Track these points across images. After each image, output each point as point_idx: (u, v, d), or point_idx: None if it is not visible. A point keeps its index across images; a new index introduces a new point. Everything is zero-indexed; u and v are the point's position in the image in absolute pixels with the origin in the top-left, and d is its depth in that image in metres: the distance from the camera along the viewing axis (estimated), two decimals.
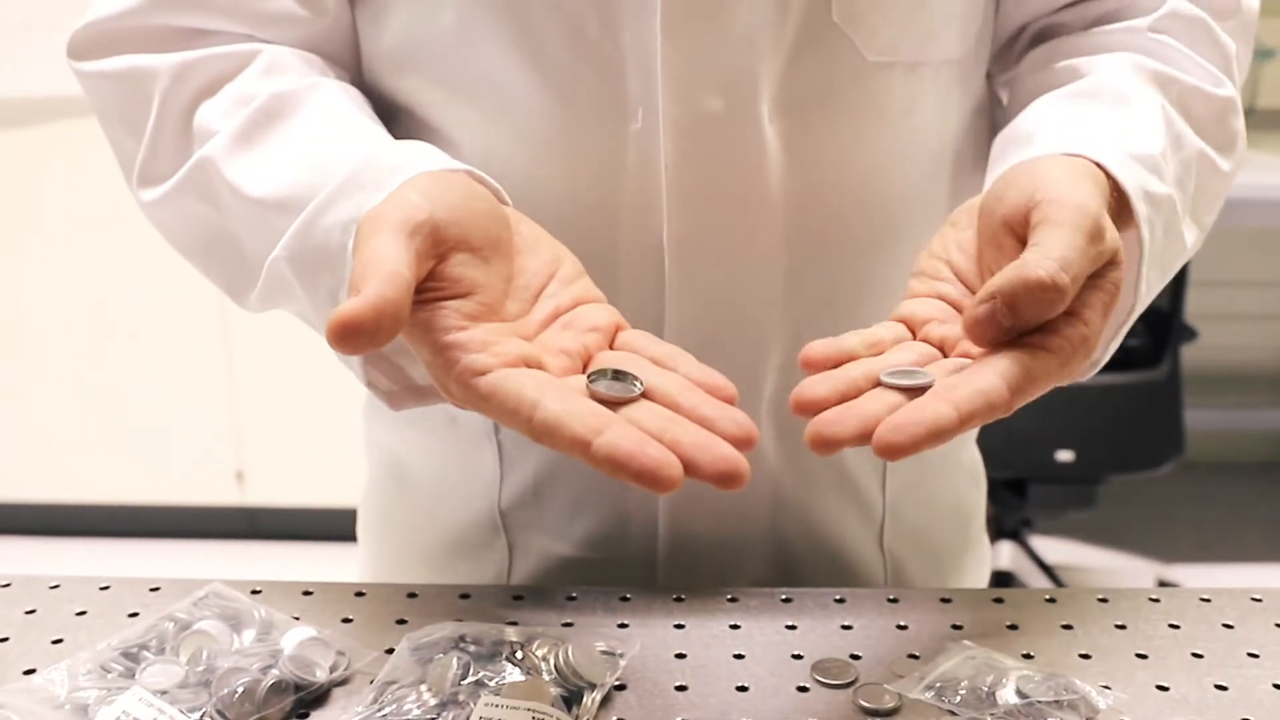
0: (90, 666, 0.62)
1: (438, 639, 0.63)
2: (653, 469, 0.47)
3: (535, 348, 0.56)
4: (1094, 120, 0.68)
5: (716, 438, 0.50)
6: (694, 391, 0.53)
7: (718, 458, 0.48)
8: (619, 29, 0.68)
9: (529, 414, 0.50)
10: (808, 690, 0.64)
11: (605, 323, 0.59)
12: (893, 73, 0.71)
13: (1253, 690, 0.64)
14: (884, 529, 0.83)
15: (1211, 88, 0.72)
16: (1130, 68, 0.71)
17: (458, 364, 0.53)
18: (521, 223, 0.62)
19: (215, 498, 2.85)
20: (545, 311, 0.59)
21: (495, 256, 0.58)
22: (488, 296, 0.56)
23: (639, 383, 0.53)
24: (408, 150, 0.63)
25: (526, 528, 0.80)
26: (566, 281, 0.60)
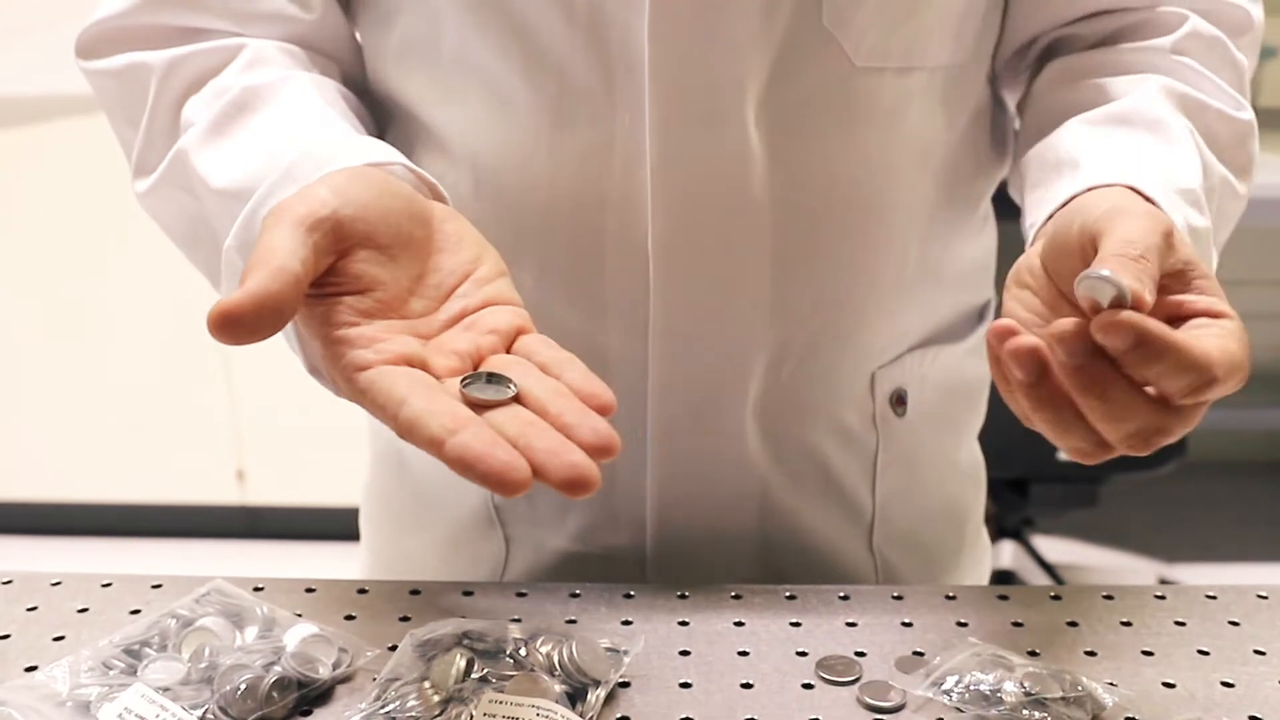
0: (92, 663, 0.62)
1: (441, 636, 0.63)
2: (499, 471, 0.48)
3: (423, 347, 0.56)
4: (1137, 151, 0.67)
5: (570, 445, 0.49)
6: (565, 399, 0.53)
7: (565, 464, 0.48)
8: (607, 30, 0.68)
9: (395, 411, 0.51)
10: (812, 687, 0.63)
11: (506, 326, 0.58)
12: (882, 78, 0.71)
13: (1260, 687, 0.64)
14: (873, 531, 0.82)
15: (1233, 111, 0.72)
16: (1160, 92, 0.71)
17: (342, 358, 0.54)
18: (448, 221, 0.61)
19: (216, 497, 2.85)
20: (453, 311, 0.58)
21: (404, 255, 0.58)
22: (387, 294, 0.57)
23: (512, 386, 0.53)
24: (344, 144, 0.63)
25: (521, 520, 0.81)
26: (481, 282, 0.60)
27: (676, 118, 0.69)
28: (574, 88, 0.69)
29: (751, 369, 0.75)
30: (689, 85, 0.68)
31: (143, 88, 0.72)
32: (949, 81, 0.74)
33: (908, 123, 0.73)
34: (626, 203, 0.71)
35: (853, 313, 0.76)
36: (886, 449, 0.81)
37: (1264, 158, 2.51)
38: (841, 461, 0.80)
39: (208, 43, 0.71)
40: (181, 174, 0.69)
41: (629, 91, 0.69)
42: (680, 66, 0.68)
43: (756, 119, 0.70)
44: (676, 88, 0.68)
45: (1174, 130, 0.69)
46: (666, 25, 0.67)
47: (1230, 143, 0.72)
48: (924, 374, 0.82)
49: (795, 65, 0.69)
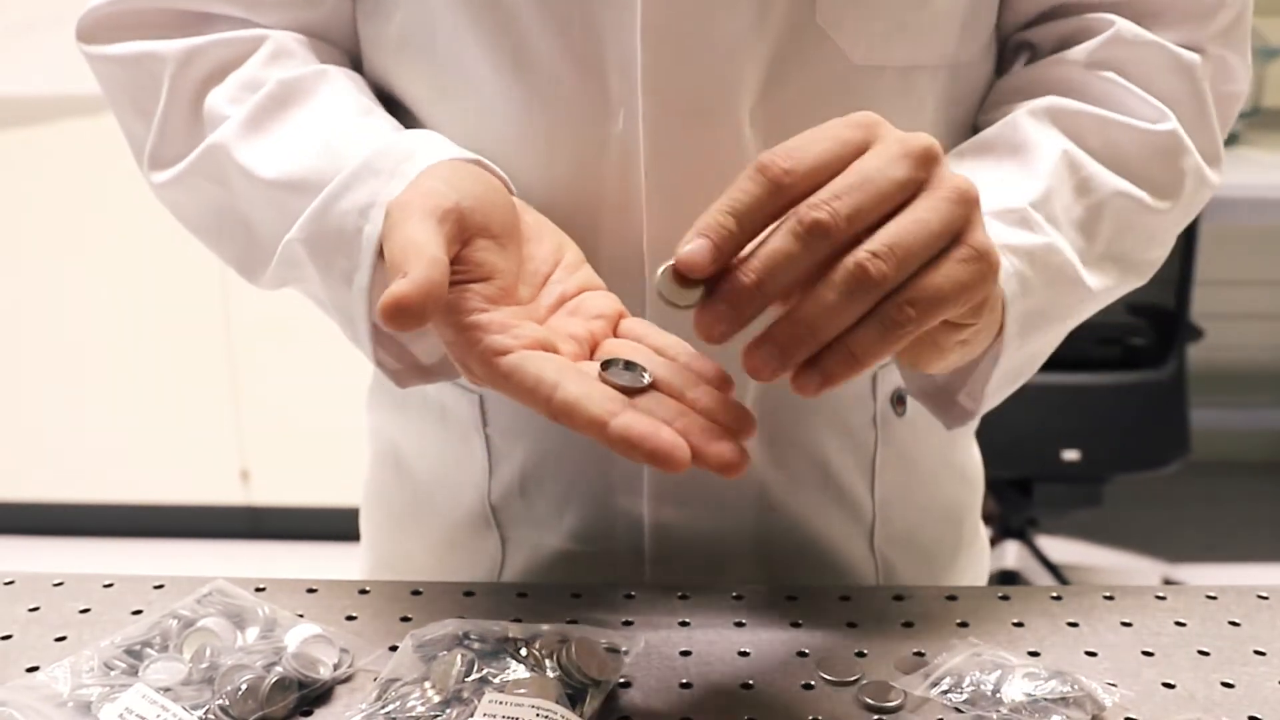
0: (93, 664, 0.62)
1: (441, 636, 0.63)
2: (666, 451, 0.51)
3: (547, 332, 0.58)
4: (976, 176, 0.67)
5: (719, 430, 0.53)
6: (698, 385, 0.56)
7: (722, 449, 0.52)
8: (601, 31, 0.68)
9: (549, 394, 0.53)
10: (813, 688, 0.63)
11: (609, 310, 0.61)
12: (882, 77, 0.70)
13: (1260, 687, 0.64)
14: (874, 531, 0.82)
15: (1148, 124, 0.70)
16: (1033, 114, 0.70)
17: (479, 344, 0.55)
18: (526, 212, 0.64)
19: (220, 497, 2.85)
20: (552, 297, 0.61)
21: (511, 243, 0.61)
22: (506, 281, 0.59)
23: (647, 374, 0.56)
24: (419, 138, 0.66)
25: (516, 521, 0.81)
26: (571, 269, 0.63)
27: (670, 119, 0.69)
28: (567, 89, 0.69)
29: None
30: (682, 86, 0.68)
31: (154, 78, 0.72)
32: (952, 80, 0.74)
33: (909, 122, 0.72)
34: (621, 204, 0.71)
35: None
36: (885, 448, 0.81)
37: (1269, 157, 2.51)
38: (840, 461, 0.80)
39: (225, 33, 0.72)
40: (216, 168, 0.70)
41: (622, 92, 0.69)
42: (673, 67, 0.68)
43: (752, 119, 0.69)
44: (670, 88, 0.68)
45: (1034, 150, 0.68)
46: (659, 25, 0.67)
47: (1143, 156, 0.70)
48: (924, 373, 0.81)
49: (791, 65, 0.69)
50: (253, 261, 0.73)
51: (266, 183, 0.67)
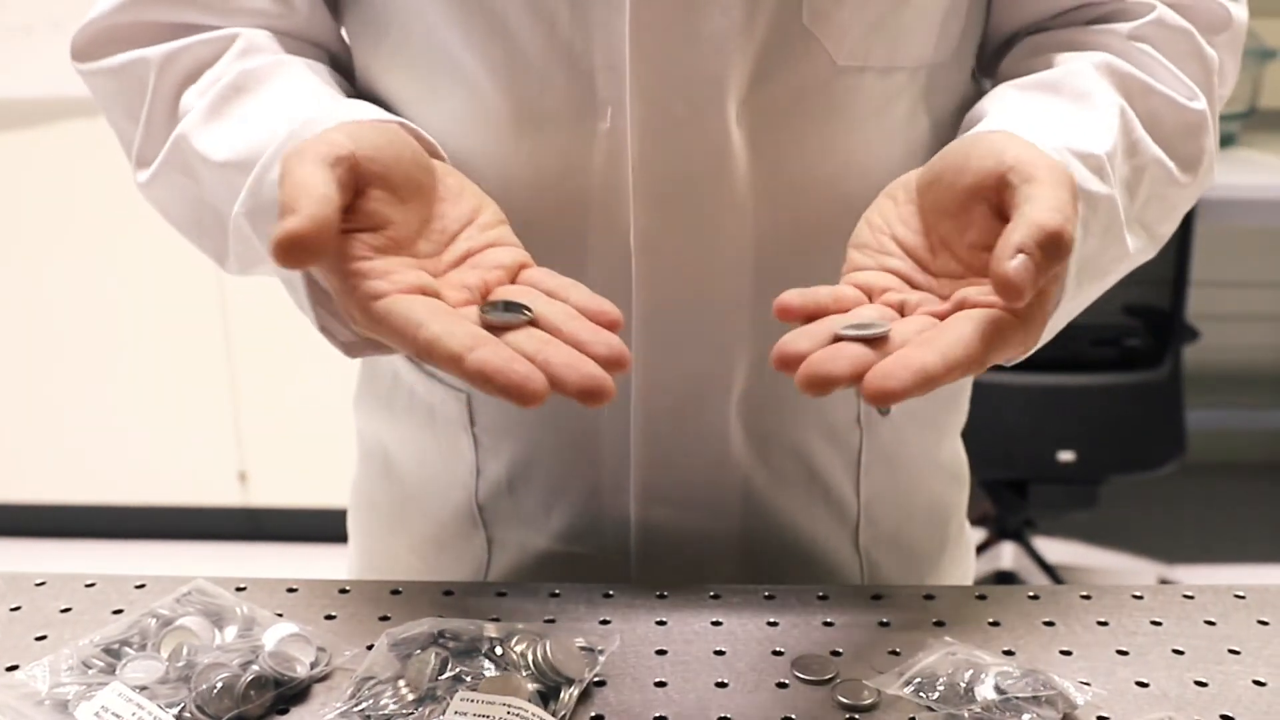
0: (72, 662, 0.62)
1: (416, 635, 0.63)
2: (519, 382, 0.50)
3: (436, 281, 0.58)
4: (1045, 112, 0.68)
5: (585, 358, 0.53)
6: (576, 320, 0.56)
7: (582, 375, 0.51)
8: (589, 28, 0.68)
9: (414, 333, 0.53)
10: (787, 686, 0.64)
11: (510, 262, 0.61)
12: (864, 77, 0.71)
13: (1233, 686, 0.64)
14: (859, 530, 0.83)
15: (1184, 100, 0.72)
16: (1097, 66, 0.71)
17: (358, 289, 0.56)
18: (449, 175, 0.64)
19: (218, 498, 2.86)
20: (457, 253, 0.61)
21: (414, 199, 0.61)
22: (399, 233, 0.59)
23: (527, 312, 0.56)
24: (348, 107, 0.66)
25: (503, 520, 0.81)
26: (483, 227, 0.63)
27: (658, 116, 0.69)
28: (555, 87, 0.70)
29: (735, 367, 0.75)
30: (670, 83, 0.69)
31: (141, 82, 0.73)
32: (931, 80, 0.75)
33: (890, 122, 0.74)
34: (608, 201, 0.71)
35: None
36: (870, 447, 0.81)
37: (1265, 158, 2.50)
38: (826, 459, 0.80)
39: (202, 35, 0.73)
40: (181, 157, 0.71)
41: (610, 90, 0.69)
42: (661, 64, 0.68)
43: (738, 117, 0.70)
44: (658, 86, 0.69)
45: (1097, 100, 0.69)
46: (647, 23, 0.67)
47: (1176, 130, 0.72)
48: None
49: (777, 64, 0.70)
50: (223, 249, 0.74)
51: (218, 165, 0.68)
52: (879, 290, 0.60)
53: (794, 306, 0.57)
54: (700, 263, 0.72)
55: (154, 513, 2.88)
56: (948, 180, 0.60)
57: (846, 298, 0.59)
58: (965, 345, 0.52)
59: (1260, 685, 0.64)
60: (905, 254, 0.62)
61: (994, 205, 0.58)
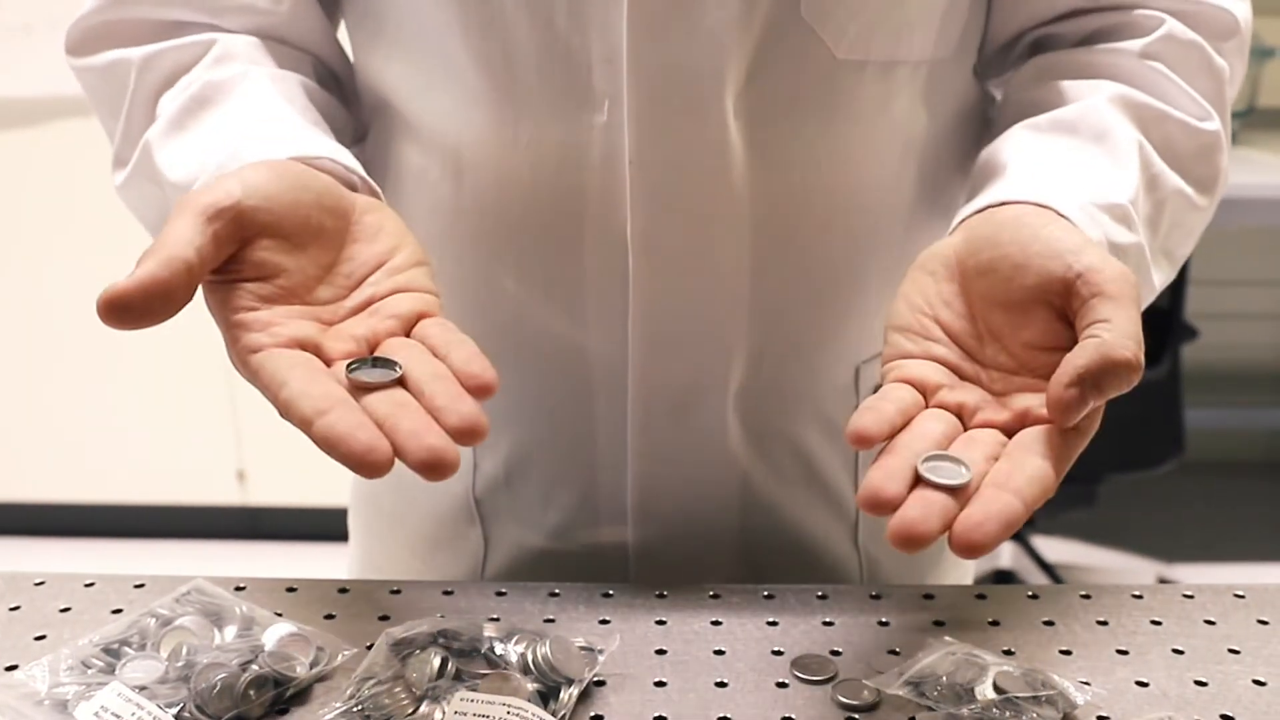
0: (71, 662, 0.62)
1: (416, 635, 0.63)
2: (360, 452, 0.50)
3: (321, 332, 0.58)
4: (1067, 163, 0.68)
5: (433, 427, 0.51)
6: (442, 381, 0.54)
7: (423, 446, 0.50)
8: (587, 22, 0.68)
9: (276, 392, 0.53)
10: (787, 686, 0.64)
11: (408, 311, 0.60)
12: (864, 72, 0.71)
13: (1233, 685, 0.64)
14: (858, 527, 0.82)
15: (1197, 122, 0.72)
16: (1113, 101, 0.71)
17: (238, 341, 0.56)
18: (370, 212, 0.63)
19: (217, 497, 2.85)
20: (361, 298, 0.60)
21: (313, 244, 0.60)
22: (290, 281, 0.59)
23: (398, 369, 0.55)
24: (277, 139, 0.65)
25: (500, 517, 0.81)
26: (393, 271, 0.61)
27: (655, 110, 0.69)
28: (552, 80, 0.70)
29: (732, 363, 0.75)
30: (668, 77, 0.68)
31: (122, 84, 0.74)
32: (932, 76, 0.74)
33: (890, 117, 0.73)
34: (606, 195, 0.71)
35: (834, 307, 0.76)
36: None
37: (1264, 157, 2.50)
38: (824, 455, 0.80)
39: (182, 38, 0.73)
40: (148, 166, 0.71)
41: (608, 84, 0.69)
42: (659, 58, 0.68)
43: (736, 111, 0.70)
44: (655, 80, 0.68)
45: (1119, 141, 0.69)
46: (645, 15, 0.67)
47: (1191, 154, 0.72)
48: None
49: (775, 58, 0.69)
50: None
51: (171, 185, 0.68)
52: (931, 388, 0.59)
53: (873, 436, 0.56)
54: (697, 257, 0.72)
55: (152, 512, 2.88)
56: (1005, 274, 0.60)
57: (909, 408, 0.58)
58: (1042, 483, 0.53)
59: (1260, 685, 0.64)
60: (951, 340, 0.61)
61: (1056, 308, 0.58)
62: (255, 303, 0.57)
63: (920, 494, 0.52)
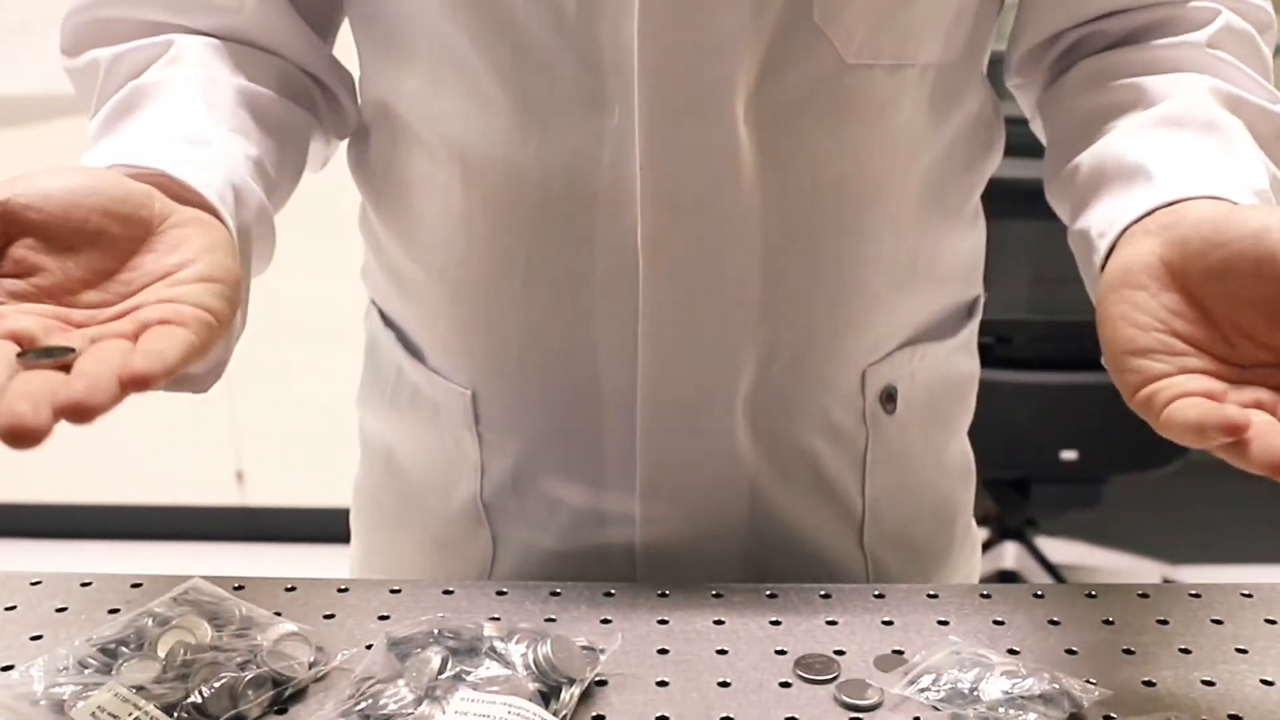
0: (68, 662, 0.62)
1: (416, 634, 0.63)
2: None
3: (47, 331, 0.56)
4: (1206, 157, 0.66)
5: (39, 403, 0.51)
6: (93, 362, 0.53)
7: (5, 411, 0.50)
8: (598, 25, 0.68)
9: None
10: (790, 686, 0.63)
11: (154, 318, 0.57)
12: (873, 75, 0.71)
13: (1240, 685, 0.63)
14: (864, 529, 0.82)
15: (1270, 105, 0.71)
16: (1204, 92, 0.70)
17: None
18: (179, 226, 0.61)
19: (215, 498, 2.85)
20: (125, 306, 0.58)
21: (87, 249, 0.58)
22: (47, 281, 0.57)
23: (71, 353, 0.53)
24: (127, 145, 0.65)
25: (508, 519, 0.81)
26: (175, 283, 0.59)
27: (666, 114, 0.69)
28: (563, 84, 0.70)
29: (741, 366, 0.75)
30: (678, 81, 0.68)
31: (95, 83, 0.74)
32: (939, 80, 0.74)
33: (898, 120, 0.73)
34: (616, 199, 0.71)
35: (842, 309, 0.76)
36: (876, 446, 0.81)
37: None
38: (831, 459, 0.80)
39: (143, 40, 0.73)
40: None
41: (618, 87, 0.69)
42: (670, 62, 0.68)
43: (746, 115, 0.70)
44: (666, 83, 0.68)
45: (1230, 131, 0.67)
46: (656, 21, 0.67)
47: (1271, 137, 0.70)
48: (914, 371, 0.81)
49: (785, 61, 0.69)
50: None
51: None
52: (1219, 395, 0.56)
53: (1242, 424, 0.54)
54: (707, 260, 0.72)
55: (151, 512, 2.88)
56: (1248, 270, 0.56)
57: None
58: None
59: (1268, 685, 0.64)
60: (1199, 350, 0.58)
61: None
62: (1, 296, 0.56)
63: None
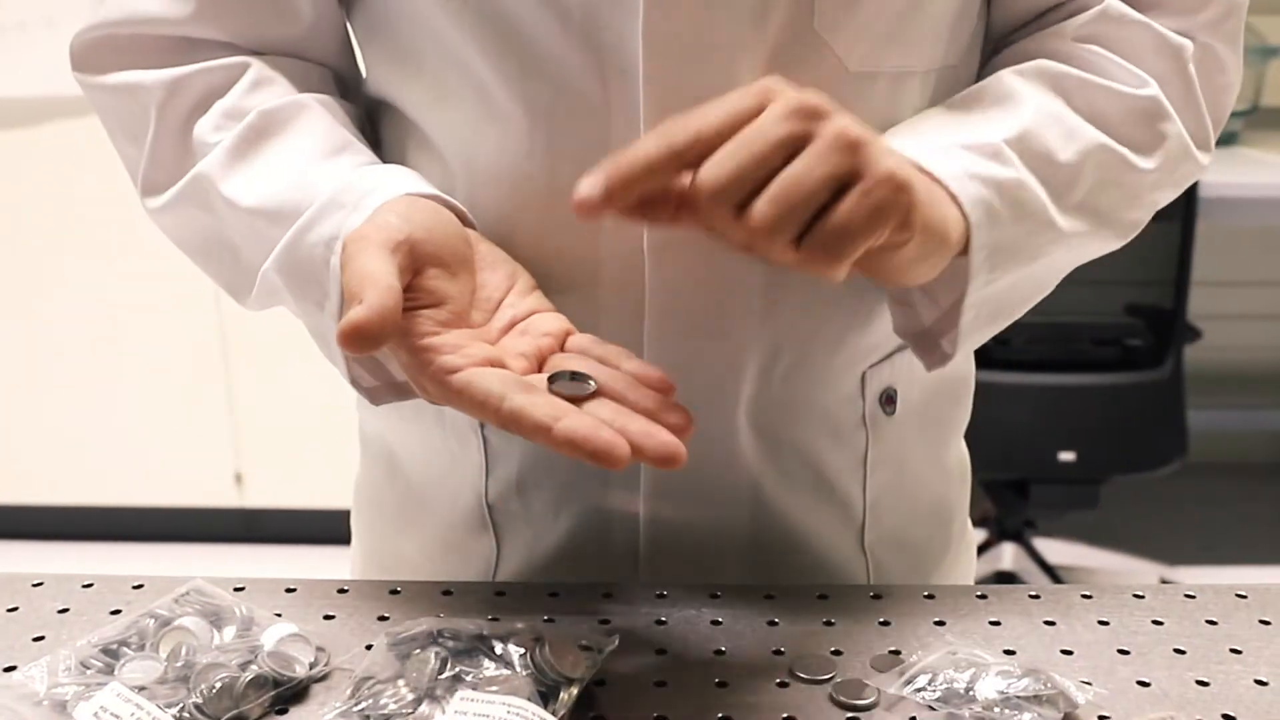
0: (70, 663, 0.62)
1: (416, 634, 0.63)
2: (605, 448, 0.55)
3: (497, 351, 0.63)
4: (947, 118, 0.71)
5: (658, 427, 0.58)
6: (639, 389, 0.61)
7: (660, 443, 0.57)
8: (601, 34, 0.68)
9: (497, 405, 0.58)
10: (787, 686, 0.63)
11: (556, 329, 0.66)
12: (875, 83, 0.71)
13: (1234, 685, 0.64)
14: (865, 530, 0.83)
15: (1130, 89, 0.73)
16: (1022, 72, 0.73)
17: (432, 364, 0.60)
18: (481, 243, 0.69)
19: (214, 500, 2.85)
20: (504, 320, 0.66)
21: (462, 272, 0.65)
22: (457, 306, 0.64)
23: (592, 382, 0.60)
24: (383, 174, 0.70)
25: (512, 522, 0.81)
26: (523, 294, 0.68)
27: None
28: (568, 93, 0.70)
29: (744, 369, 0.76)
30: (682, 89, 0.69)
31: (143, 107, 0.74)
32: (941, 83, 0.75)
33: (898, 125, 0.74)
34: None
35: (844, 313, 0.77)
36: (876, 448, 0.81)
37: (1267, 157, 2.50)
38: (833, 460, 0.80)
39: (208, 62, 0.74)
40: (202, 195, 0.73)
41: (623, 96, 0.70)
42: (674, 71, 0.68)
43: None
44: (670, 92, 0.69)
45: (1018, 99, 0.71)
46: (660, 30, 0.68)
47: (1124, 117, 0.73)
48: (913, 373, 0.82)
49: (787, 70, 0.70)
50: (239, 285, 0.76)
51: (246, 210, 0.71)
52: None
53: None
54: (711, 269, 0.73)
55: (149, 514, 2.88)
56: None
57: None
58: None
59: (1262, 685, 0.64)
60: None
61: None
62: (435, 327, 0.61)
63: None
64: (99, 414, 2.83)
